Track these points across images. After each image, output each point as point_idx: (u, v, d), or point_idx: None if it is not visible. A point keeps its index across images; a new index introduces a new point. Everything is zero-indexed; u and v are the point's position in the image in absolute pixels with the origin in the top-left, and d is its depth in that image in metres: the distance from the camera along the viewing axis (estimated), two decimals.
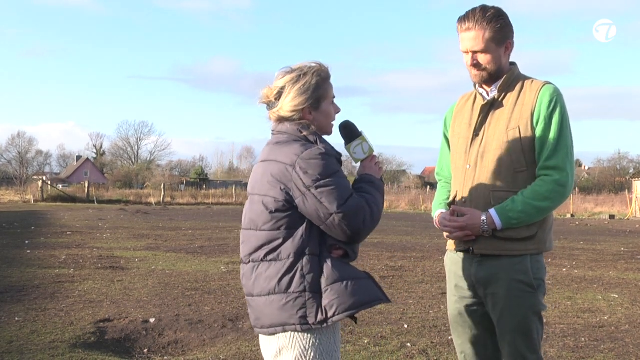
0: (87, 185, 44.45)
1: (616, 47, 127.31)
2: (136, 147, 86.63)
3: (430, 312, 6.36)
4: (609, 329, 5.74)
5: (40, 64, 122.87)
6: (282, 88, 2.27)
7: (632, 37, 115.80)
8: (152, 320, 5.71)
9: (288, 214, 2.18)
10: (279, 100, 2.28)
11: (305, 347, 2.18)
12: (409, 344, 5.05)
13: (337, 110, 2.38)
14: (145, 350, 4.98)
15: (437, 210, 2.82)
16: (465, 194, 2.67)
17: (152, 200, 43.16)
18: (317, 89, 2.26)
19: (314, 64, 2.30)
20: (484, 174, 2.62)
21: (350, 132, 2.41)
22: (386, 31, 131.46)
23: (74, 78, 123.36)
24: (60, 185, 50.85)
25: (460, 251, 2.71)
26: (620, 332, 5.63)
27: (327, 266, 2.18)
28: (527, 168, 2.58)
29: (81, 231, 16.75)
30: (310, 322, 2.16)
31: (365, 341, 5.10)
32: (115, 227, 18.50)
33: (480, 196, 2.62)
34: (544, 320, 5.91)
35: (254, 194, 2.30)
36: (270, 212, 2.19)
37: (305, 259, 2.17)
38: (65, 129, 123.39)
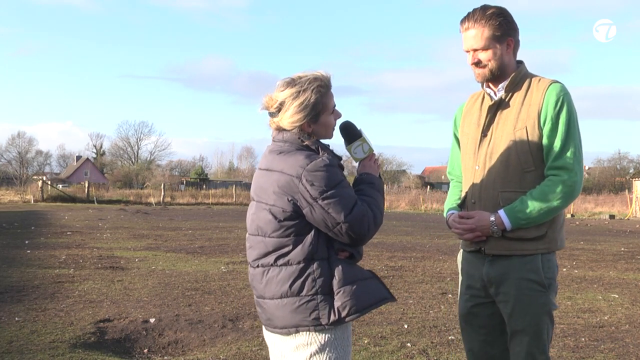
0: (87, 185, 44.39)
1: (616, 47, 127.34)
2: (136, 147, 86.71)
3: (430, 312, 6.36)
4: (609, 329, 5.74)
5: (33, 64, 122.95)
6: (282, 102, 2.31)
7: (632, 37, 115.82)
8: (152, 320, 5.71)
9: (296, 222, 2.26)
10: (279, 112, 2.33)
11: (321, 344, 2.27)
12: (409, 344, 5.05)
13: (338, 117, 2.42)
14: (145, 350, 4.98)
15: (449, 211, 2.84)
16: (475, 195, 2.69)
17: (152, 200, 43.14)
18: (316, 105, 2.30)
19: (314, 77, 2.32)
20: (493, 175, 2.63)
21: (350, 132, 2.46)
22: (382, 30, 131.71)
23: (68, 77, 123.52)
24: (60, 185, 50.81)
25: (472, 251, 2.73)
26: (620, 332, 5.63)
27: (338, 269, 2.27)
28: (535, 168, 2.58)
29: (81, 231, 16.75)
30: (324, 323, 2.25)
31: (365, 341, 5.10)
32: (115, 227, 18.50)
33: (489, 197, 2.63)
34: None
35: (260, 201, 2.35)
36: (279, 221, 2.27)
37: (315, 264, 2.26)
38: (63, 129, 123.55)
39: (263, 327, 2.47)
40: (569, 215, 34.19)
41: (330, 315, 2.24)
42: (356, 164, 2.50)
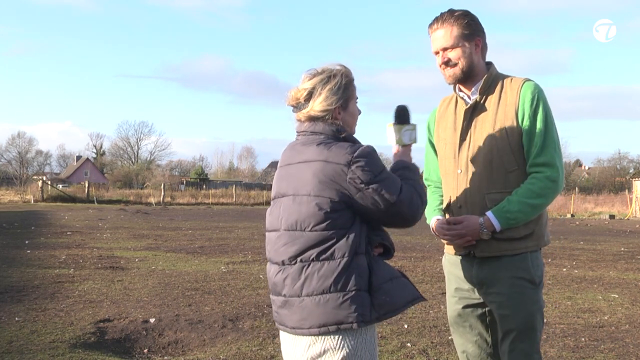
0: (87, 185, 44.38)
1: (616, 46, 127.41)
2: (136, 147, 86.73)
3: (430, 312, 6.36)
4: (609, 329, 5.74)
5: (33, 63, 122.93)
6: (313, 89, 2.32)
7: (632, 37, 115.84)
8: (152, 320, 5.71)
9: (341, 213, 2.23)
10: (308, 101, 2.33)
11: (354, 347, 2.22)
12: (409, 344, 5.05)
13: (359, 112, 2.44)
14: (145, 350, 4.98)
15: (433, 217, 2.83)
16: (460, 199, 2.69)
17: (152, 200, 43.14)
18: (346, 89, 2.33)
19: (339, 66, 2.37)
20: (476, 178, 2.64)
21: (405, 115, 2.52)
22: (382, 30, 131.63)
23: (67, 77, 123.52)
24: (60, 185, 50.80)
25: (460, 255, 2.72)
26: (620, 332, 5.63)
27: (377, 265, 2.26)
28: (518, 167, 2.60)
29: (81, 231, 16.75)
30: (367, 320, 2.20)
31: None
32: (115, 227, 18.50)
33: (475, 200, 2.64)
34: (544, 320, 5.95)
35: (299, 194, 2.28)
36: (326, 213, 2.21)
37: (359, 258, 2.23)
38: (63, 129, 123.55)
39: (285, 333, 2.35)
40: (569, 216, 34.20)
41: (372, 311, 2.21)
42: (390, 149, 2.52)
